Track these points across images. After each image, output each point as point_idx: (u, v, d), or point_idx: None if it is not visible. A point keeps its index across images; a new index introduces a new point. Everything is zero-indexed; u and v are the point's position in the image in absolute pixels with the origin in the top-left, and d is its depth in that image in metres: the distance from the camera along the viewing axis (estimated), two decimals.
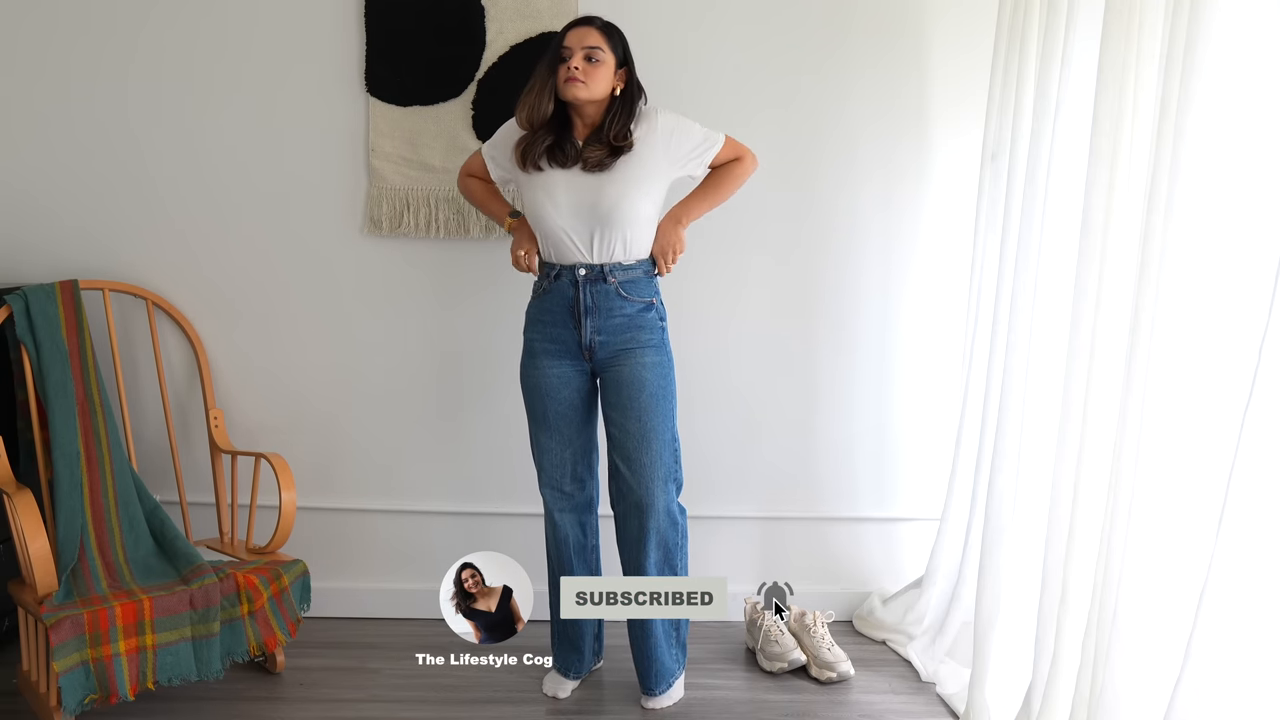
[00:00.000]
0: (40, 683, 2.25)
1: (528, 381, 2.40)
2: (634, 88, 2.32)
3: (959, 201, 2.82)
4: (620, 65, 2.29)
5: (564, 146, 2.28)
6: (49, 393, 2.43)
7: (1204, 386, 1.65)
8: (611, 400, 2.35)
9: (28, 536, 2.14)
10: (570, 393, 2.37)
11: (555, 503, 2.45)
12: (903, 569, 2.98)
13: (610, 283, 2.29)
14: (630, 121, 2.30)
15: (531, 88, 2.29)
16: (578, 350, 2.34)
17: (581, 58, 2.23)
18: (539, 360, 2.37)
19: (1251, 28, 1.56)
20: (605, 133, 2.27)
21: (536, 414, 2.41)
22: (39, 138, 2.75)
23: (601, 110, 2.30)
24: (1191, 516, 1.66)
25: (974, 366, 2.61)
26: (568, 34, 2.27)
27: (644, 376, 2.31)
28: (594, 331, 2.30)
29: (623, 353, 2.31)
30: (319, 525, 2.88)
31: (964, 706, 2.35)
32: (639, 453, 2.33)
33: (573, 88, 2.23)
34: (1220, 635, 1.50)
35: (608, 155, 2.26)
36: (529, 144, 2.29)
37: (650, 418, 2.32)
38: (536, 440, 2.43)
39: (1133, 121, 1.85)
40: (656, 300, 2.36)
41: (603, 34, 2.27)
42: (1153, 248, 1.70)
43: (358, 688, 2.50)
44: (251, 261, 2.81)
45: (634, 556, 2.39)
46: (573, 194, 2.27)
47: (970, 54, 2.75)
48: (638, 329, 2.32)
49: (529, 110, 2.28)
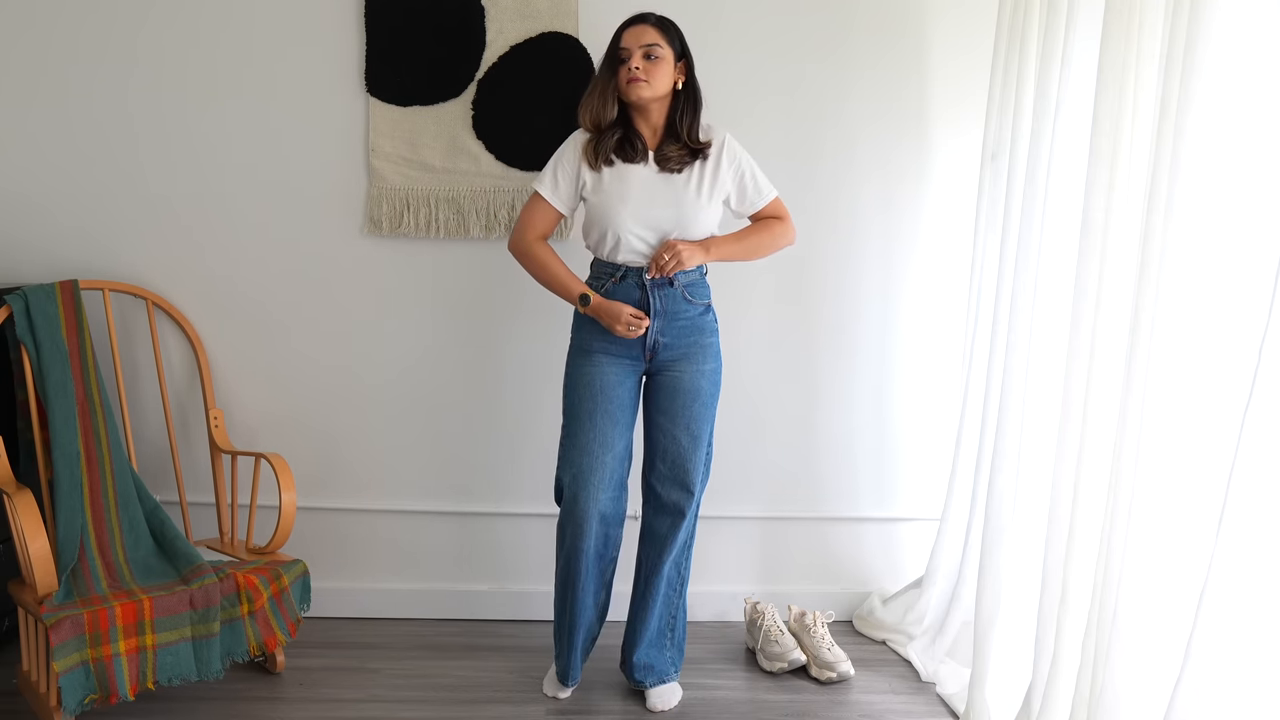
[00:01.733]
0: (40, 683, 2.25)
1: (580, 379, 2.32)
2: (695, 80, 2.30)
3: (959, 201, 2.82)
4: (679, 58, 2.27)
5: (633, 142, 2.27)
6: (49, 393, 2.43)
7: (1204, 386, 1.65)
8: (663, 406, 2.34)
9: (28, 536, 2.14)
10: (623, 393, 2.32)
11: (589, 508, 2.30)
12: (903, 569, 2.98)
13: (677, 286, 2.29)
14: (698, 117, 2.29)
15: (593, 92, 2.27)
16: (640, 351, 2.31)
17: (640, 56, 2.21)
18: (596, 358, 2.31)
19: (1251, 28, 1.56)
20: (680, 131, 2.26)
21: (583, 413, 2.31)
22: (39, 138, 2.75)
23: (665, 108, 2.28)
24: (1191, 516, 1.66)
25: (974, 366, 2.61)
26: (623, 34, 2.25)
27: (700, 385, 2.32)
28: (659, 333, 2.30)
29: (683, 358, 2.32)
30: (319, 525, 2.88)
31: (964, 706, 2.35)
32: (685, 459, 2.34)
33: (636, 89, 2.21)
34: (1220, 635, 1.50)
35: (687, 155, 2.26)
36: (600, 140, 2.27)
37: (699, 426, 2.34)
38: (576, 441, 2.32)
39: (1133, 121, 1.85)
40: (711, 303, 2.38)
41: (659, 29, 2.24)
42: (1153, 248, 1.70)
43: (358, 688, 2.50)
44: (252, 261, 2.81)
45: (656, 555, 2.41)
46: (646, 193, 2.25)
47: (970, 54, 2.75)
48: (699, 331, 2.33)
49: (594, 114, 2.26)
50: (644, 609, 2.45)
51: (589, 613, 2.43)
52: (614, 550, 2.43)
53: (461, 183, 2.76)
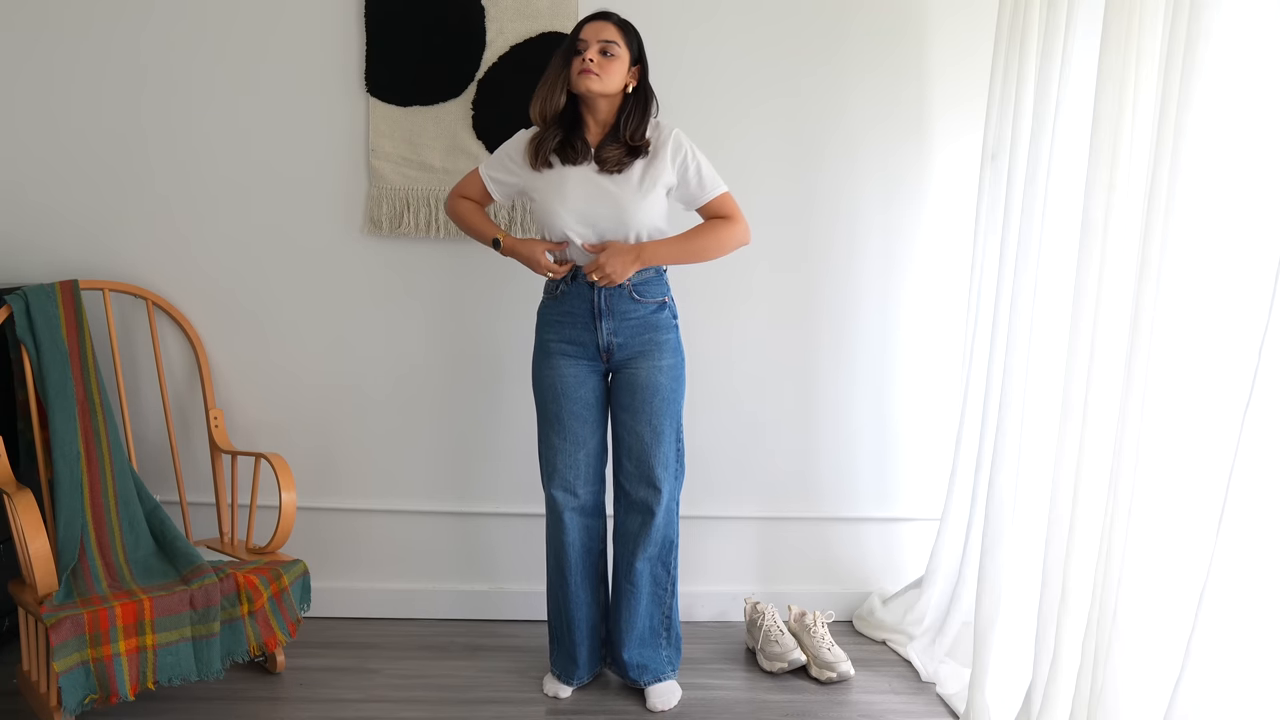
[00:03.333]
0: (40, 683, 2.25)
1: (542, 381, 2.38)
2: (647, 86, 2.32)
3: (959, 202, 2.82)
4: (634, 62, 2.29)
5: (574, 143, 2.28)
6: (49, 393, 2.43)
7: (1204, 386, 1.64)
8: (624, 403, 2.35)
9: (28, 536, 2.14)
10: (586, 392, 2.36)
11: (566, 504, 2.41)
12: (903, 569, 2.98)
13: (625, 286, 2.29)
14: (645, 121, 2.30)
15: (545, 80, 2.28)
16: (596, 352, 2.33)
17: (596, 51, 2.22)
18: (555, 360, 2.35)
19: (1251, 27, 1.56)
20: (622, 132, 2.27)
21: (550, 414, 2.38)
22: (39, 138, 2.75)
23: (614, 108, 2.30)
24: (1191, 516, 1.66)
25: (974, 366, 2.61)
26: (584, 27, 2.27)
27: (658, 381, 2.32)
28: (610, 334, 2.31)
29: (640, 355, 2.32)
30: (319, 525, 2.88)
31: (964, 706, 2.35)
32: (648, 455, 2.34)
33: (586, 80, 2.22)
34: (1220, 635, 1.50)
35: (625, 155, 2.27)
36: (541, 140, 2.29)
37: (660, 421, 2.34)
38: (548, 440, 2.40)
39: (1133, 121, 1.85)
40: (669, 299, 2.38)
41: (619, 29, 2.27)
42: (1153, 247, 1.70)
43: (358, 688, 2.50)
44: (252, 261, 2.81)
45: (630, 553, 2.41)
46: (583, 194, 2.27)
47: (970, 54, 2.75)
48: (654, 329, 2.33)
49: (541, 103, 2.28)
50: (627, 608, 2.44)
51: (585, 609, 2.45)
52: (599, 543, 2.47)
53: None
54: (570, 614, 2.43)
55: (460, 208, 2.45)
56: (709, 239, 2.33)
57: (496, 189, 2.41)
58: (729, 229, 2.34)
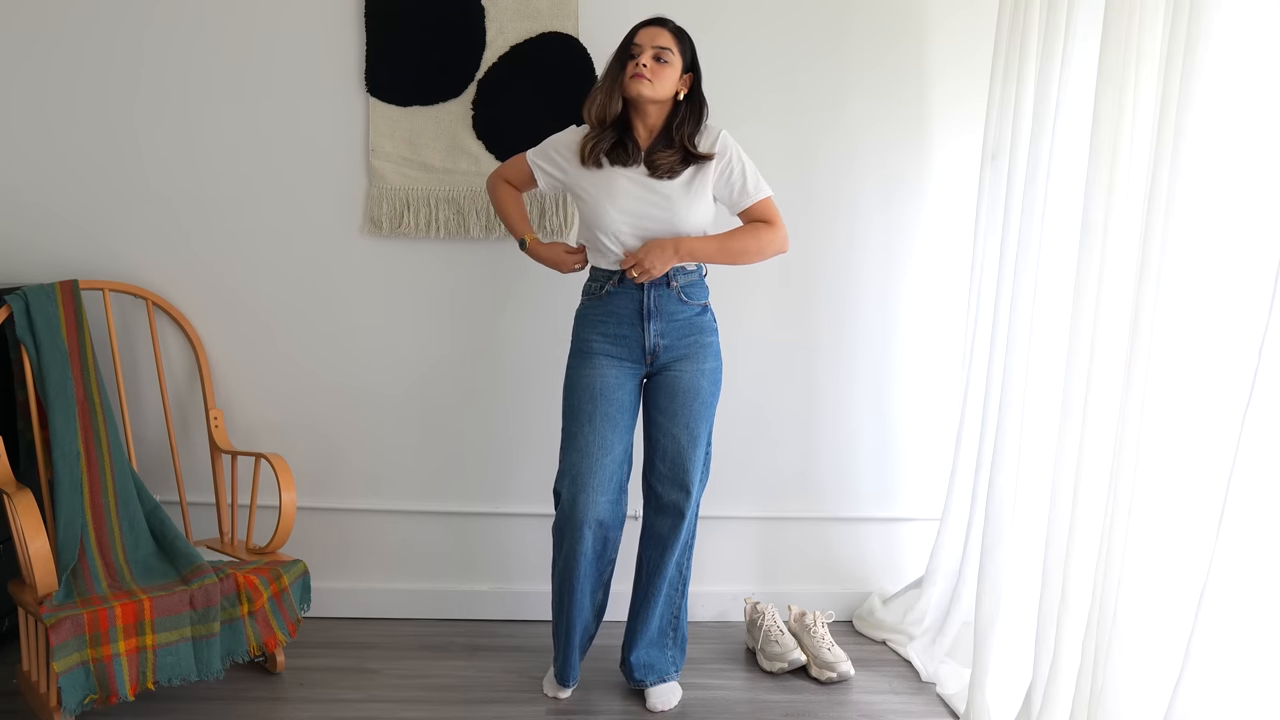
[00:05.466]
0: (40, 683, 2.25)
1: (580, 381, 2.33)
2: (700, 94, 2.32)
3: (959, 201, 2.82)
4: (687, 69, 2.29)
5: (626, 145, 2.28)
6: (49, 393, 2.43)
7: (1204, 386, 1.65)
8: (663, 405, 2.34)
9: (28, 536, 2.14)
10: (624, 395, 2.33)
11: (586, 512, 2.30)
12: (903, 569, 2.98)
13: (673, 287, 2.30)
14: (699, 128, 2.30)
15: (601, 84, 2.29)
16: (640, 354, 2.32)
17: (650, 56, 2.23)
18: (596, 360, 2.32)
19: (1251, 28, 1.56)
20: (676, 137, 2.27)
21: (583, 415, 2.31)
22: (40, 138, 2.75)
23: (663, 114, 2.30)
24: (1191, 516, 1.66)
25: (974, 366, 2.61)
26: (638, 32, 2.27)
27: (699, 384, 2.33)
28: (658, 335, 2.30)
29: (684, 358, 2.32)
30: (319, 525, 2.88)
31: (964, 706, 2.35)
32: (683, 459, 2.34)
33: (638, 84, 2.22)
34: (1220, 635, 1.50)
35: (680, 162, 2.27)
36: (595, 140, 2.29)
37: (698, 425, 2.34)
38: (575, 443, 2.32)
39: (1133, 121, 1.85)
40: (709, 303, 2.38)
41: (673, 36, 2.27)
42: (1153, 248, 1.70)
43: (358, 688, 2.50)
44: (251, 261, 2.81)
45: (657, 555, 2.41)
46: (634, 196, 2.27)
47: (970, 54, 2.75)
48: (698, 331, 2.34)
49: (598, 108, 2.27)
50: (645, 609, 2.45)
51: (585, 613, 2.43)
52: (612, 553, 2.43)
53: (461, 183, 2.76)
54: (571, 619, 2.41)
55: (502, 192, 2.46)
56: (749, 240, 2.32)
57: (543, 178, 2.40)
58: (770, 234, 2.34)
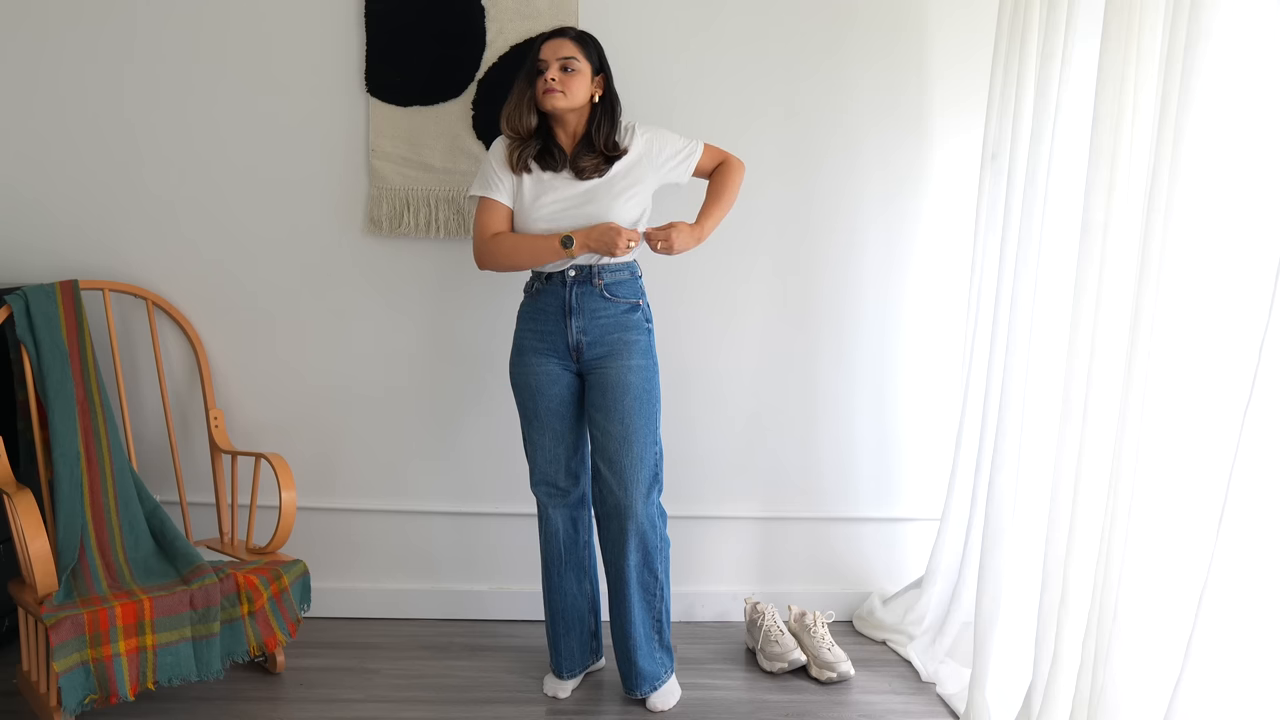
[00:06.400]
0: (40, 683, 2.25)
1: (518, 379, 2.42)
2: (612, 94, 2.36)
3: (959, 201, 2.82)
4: (596, 72, 2.34)
5: (552, 151, 2.33)
6: (49, 393, 2.43)
7: (1204, 386, 1.65)
8: (596, 403, 2.36)
9: (28, 536, 2.14)
10: (560, 389, 2.38)
11: (549, 499, 2.45)
12: (903, 569, 2.98)
13: (596, 284, 2.32)
14: (615, 127, 2.35)
15: (510, 100, 2.34)
16: (566, 350, 2.35)
17: (557, 69, 2.27)
18: (528, 358, 2.39)
19: (1251, 28, 1.56)
20: (596, 141, 2.32)
21: (528, 411, 2.42)
22: (39, 138, 2.75)
23: (583, 118, 2.34)
24: (1191, 516, 1.66)
25: (974, 366, 2.61)
26: (542, 47, 2.31)
27: (628, 380, 2.33)
28: (580, 332, 2.33)
29: (609, 355, 2.33)
30: (319, 525, 2.88)
31: (964, 706, 2.35)
32: (620, 456, 2.33)
33: (551, 99, 2.27)
34: (1220, 635, 1.50)
35: (603, 163, 2.32)
36: (520, 149, 2.34)
37: (633, 420, 2.33)
38: (529, 437, 2.44)
39: (1133, 121, 1.85)
40: (643, 302, 2.39)
41: (577, 44, 2.31)
42: (1153, 248, 1.70)
43: (358, 688, 2.50)
44: (252, 261, 2.81)
45: (614, 558, 2.41)
46: (562, 198, 2.31)
47: (970, 54, 2.75)
48: (624, 329, 2.34)
49: (511, 123, 2.33)
50: (621, 615, 2.42)
51: (571, 599, 2.47)
52: (585, 534, 2.50)
53: (461, 183, 2.76)
54: (554, 604, 2.47)
55: (503, 245, 2.34)
56: (729, 186, 2.41)
57: (504, 195, 2.36)
58: (731, 170, 2.43)
